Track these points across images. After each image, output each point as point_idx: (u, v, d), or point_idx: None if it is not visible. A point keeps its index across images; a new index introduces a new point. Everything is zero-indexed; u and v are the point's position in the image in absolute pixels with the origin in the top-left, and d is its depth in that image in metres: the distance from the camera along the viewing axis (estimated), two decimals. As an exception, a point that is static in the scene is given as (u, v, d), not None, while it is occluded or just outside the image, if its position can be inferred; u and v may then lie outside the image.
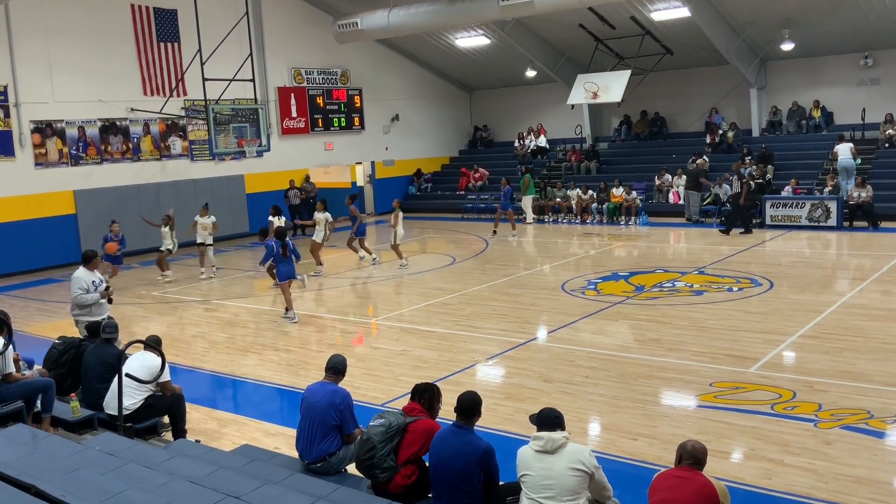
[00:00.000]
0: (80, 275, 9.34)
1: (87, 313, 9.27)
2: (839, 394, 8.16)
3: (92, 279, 9.37)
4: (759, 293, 12.93)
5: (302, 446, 5.93)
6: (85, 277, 9.35)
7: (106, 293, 9.45)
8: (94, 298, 9.32)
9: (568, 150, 27.19)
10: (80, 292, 9.24)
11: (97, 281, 9.44)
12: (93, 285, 9.33)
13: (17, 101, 18.52)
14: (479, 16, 21.71)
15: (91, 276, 9.40)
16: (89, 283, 9.33)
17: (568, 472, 4.58)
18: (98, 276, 9.56)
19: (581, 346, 10.52)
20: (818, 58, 23.26)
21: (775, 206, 20.13)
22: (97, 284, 9.40)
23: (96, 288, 9.36)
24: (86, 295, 9.24)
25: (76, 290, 9.25)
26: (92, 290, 9.30)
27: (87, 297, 9.25)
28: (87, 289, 9.27)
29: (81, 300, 9.25)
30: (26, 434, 5.97)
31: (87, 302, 9.27)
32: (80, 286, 9.24)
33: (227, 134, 19.32)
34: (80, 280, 9.27)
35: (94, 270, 9.48)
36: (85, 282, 9.30)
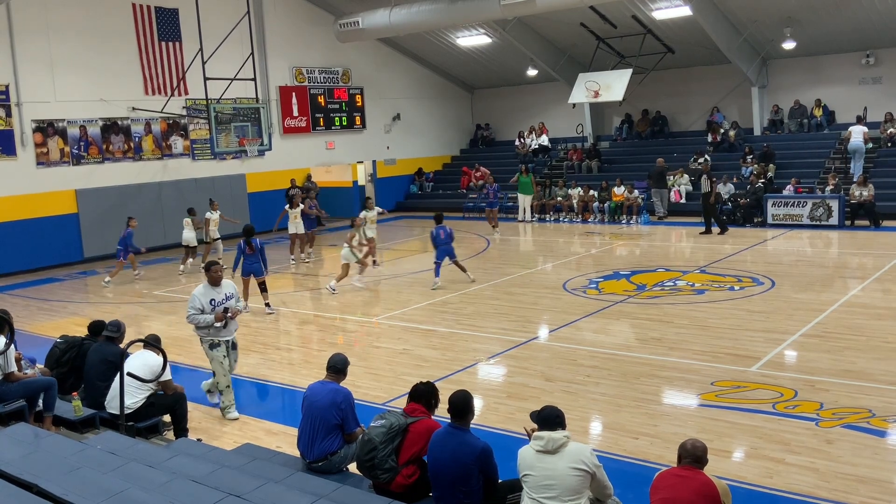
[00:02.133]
0: (198, 292, 8.27)
1: (207, 334, 8.24)
2: (841, 393, 8.15)
3: (211, 297, 8.23)
4: (760, 292, 12.92)
5: (303, 445, 5.94)
6: (202, 295, 8.23)
7: (223, 315, 8.18)
8: (208, 321, 8.14)
9: (569, 149, 27.17)
10: (192, 312, 8.17)
11: (219, 300, 8.26)
12: (210, 304, 8.20)
13: (18, 101, 18.53)
14: (481, 15, 21.70)
15: (211, 293, 8.26)
16: (206, 301, 8.19)
17: (569, 471, 4.58)
18: (225, 293, 8.33)
19: (582, 344, 10.52)
20: (820, 56, 23.23)
21: (777, 205, 20.11)
22: (217, 304, 8.24)
23: (213, 308, 8.21)
24: (199, 316, 8.14)
25: (189, 310, 8.21)
26: (208, 309, 8.17)
27: (200, 319, 8.14)
28: (201, 308, 8.16)
29: (194, 321, 8.20)
30: (28, 433, 5.97)
31: (200, 324, 8.17)
32: (193, 305, 8.18)
33: (228, 133, 19.32)
34: (195, 298, 8.20)
35: (217, 286, 8.32)
36: (200, 300, 8.18)
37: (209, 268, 8.38)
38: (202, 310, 8.17)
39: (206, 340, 8.30)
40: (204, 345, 8.37)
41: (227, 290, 8.39)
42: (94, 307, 14.65)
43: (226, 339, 8.35)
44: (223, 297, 8.30)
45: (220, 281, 8.35)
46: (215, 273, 8.33)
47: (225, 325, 8.22)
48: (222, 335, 8.31)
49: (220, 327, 8.19)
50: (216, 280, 8.32)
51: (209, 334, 8.23)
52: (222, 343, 8.33)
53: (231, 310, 8.30)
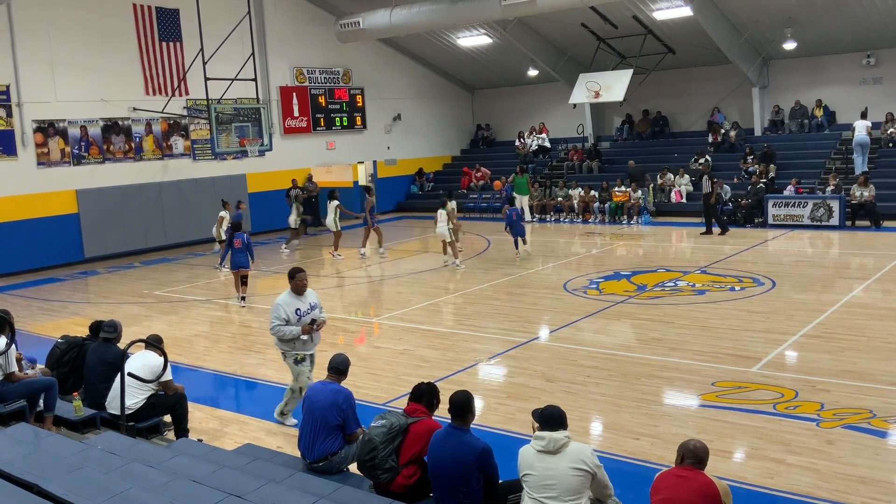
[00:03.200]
0: (282, 301, 7.54)
1: (291, 347, 7.60)
2: (841, 393, 8.15)
3: (296, 306, 7.52)
4: (761, 292, 12.92)
5: (304, 445, 5.94)
6: (286, 304, 7.51)
7: (311, 327, 7.56)
8: (294, 333, 7.49)
9: (570, 150, 27.17)
10: (277, 323, 7.47)
11: (304, 309, 7.58)
12: (295, 314, 7.51)
13: (19, 101, 18.54)
14: (481, 15, 21.70)
15: (296, 303, 7.54)
16: (291, 311, 7.48)
17: (570, 471, 4.58)
18: (309, 302, 7.65)
19: (583, 345, 10.52)
20: (820, 57, 23.23)
21: (777, 206, 20.11)
22: (302, 314, 7.57)
23: (299, 318, 7.54)
24: (284, 327, 7.46)
25: (273, 321, 7.50)
26: (294, 320, 7.50)
27: (286, 331, 7.46)
28: (286, 318, 7.46)
29: (278, 333, 7.51)
30: (29, 433, 5.98)
31: (285, 336, 7.50)
32: (278, 315, 7.46)
33: (229, 133, 19.33)
34: (279, 308, 7.47)
35: (301, 295, 7.63)
36: (285, 310, 7.46)
37: (294, 274, 7.60)
38: (287, 320, 7.47)
39: (291, 355, 7.69)
40: (288, 360, 7.76)
41: (311, 300, 7.70)
42: (94, 307, 14.66)
43: (311, 351, 7.75)
44: (308, 306, 7.62)
45: (304, 289, 7.65)
46: (301, 281, 7.60)
47: (311, 337, 7.65)
48: (308, 348, 7.70)
49: (307, 340, 7.60)
50: (301, 288, 7.60)
51: (294, 348, 7.59)
52: (308, 357, 7.75)
53: (318, 321, 7.66)
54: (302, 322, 7.51)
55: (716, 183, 19.43)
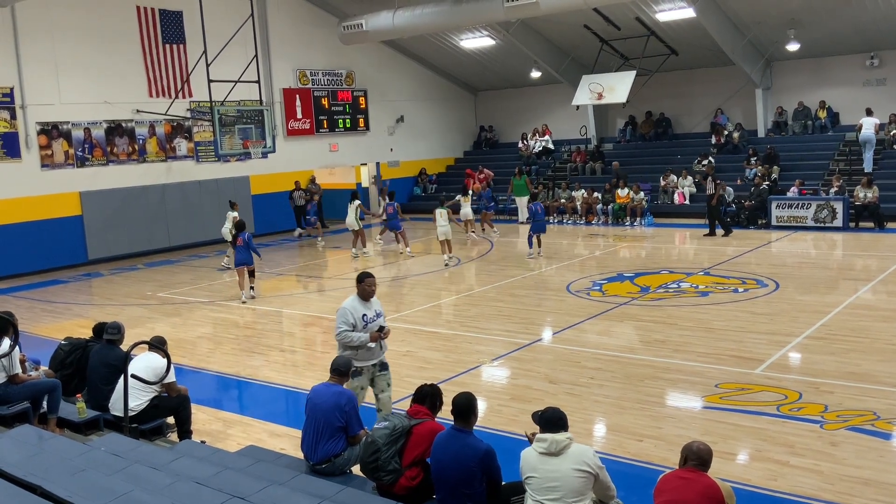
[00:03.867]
0: (349, 306, 7.11)
1: (353, 356, 6.95)
2: (845, 395, 8.13)
3: (363, 312, 7.11)
4: (764, 294, 12.90)
5: (307, 447, 5.94)
6: (353, 309, 7.08)
7: (379, 335, 7.10)
8: (363, 340, 7.01)
9: (573, 151, 27.17)
10: (344, 328, 6.98)
11: (370, 316, 7.16)
12: (362, 320, 7.08)
13: (23, 103, 18.58)
14: (484, 17, 21.70)
15: (362, 308, 7.13)
16: (358, 317, 7.05)
17: (573, 473, 4.58)
18: (375, 309, 7.24)
19: (586, 347, 10.51)
20: (824, 58, 23.20)
21: (781, 207, 20.08)
22: (368, 321, 7.13)
23: (365, 325, 7.08)
24: (352, 333, 6.97)
25: (340, 326, 7.02)
26: (360, 326, 7.03)
27: (354, 337, 6.97)
28: (354, 324, 7.01)
29: (345, 339, 6.99)
30: (32, 435, 5.99)
31: (353, 342, 6.99)
32: (345, 320, 7.00)
33: (232, 135, 19.34)
34: (346, 313, 7.04)
35: (368, 301, 7.21)
36: (353, 315, 7.03)
37: (363, 279, 7.22)
38: (354, 326, 7.02)
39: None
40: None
41: (376, 307, 7.30)
42: (98, 309, 14.68)
43: (371, 362, 7.21)
44: (374, 313, 7.21)
45: (372, 295, 7.25)
46: (369, 286, 7.21)
47: (380, 345, 7.21)
48: (371, 357, 7.19)
49: (373, 348, 7.12)
50: (368, 294, 7.20)
51: (355, 356, 7.00)
52: (365, 370, 7.16)
53: (385, 329, 7.22)
54: (369, 329, 7.08)
55: (719, 185, 19.42)
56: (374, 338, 7.07)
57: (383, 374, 7.34)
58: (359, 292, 7.21)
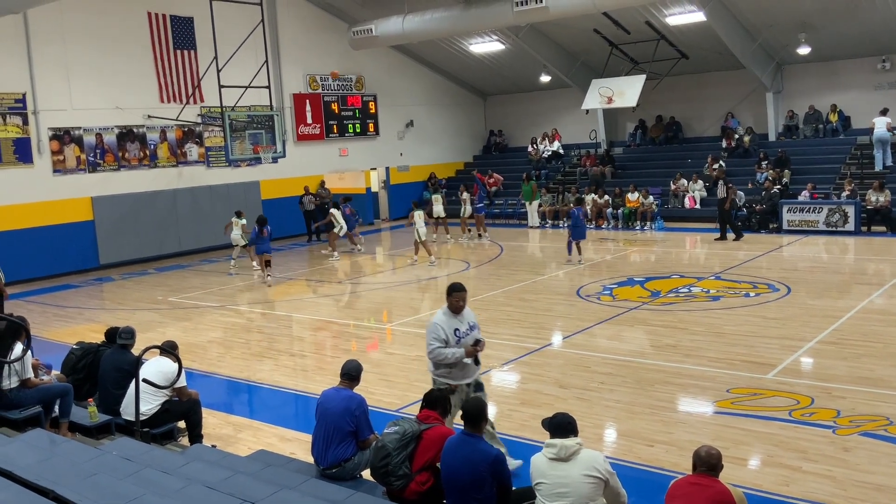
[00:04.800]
0: (440, 320, 6.62)
1: (446, 374, 6.57)
2: (858, 400, 8.08)
3: (455, 326, 6.58)
4: (776, 298, 12.84)
5: (317, 452, 5.94)
6: (445, 324, 6.57)
7: (475, 349, 6.59)
8: (457, 356, 6.51)
9: (583, 155, 27.13)
10: (436, 345, 6.51)
11: (463, 330, 6.63)
12: (454, 335, 6.57)
13: (35, 109, 18.70)
14: (494, 21, 21.72)
15: (454, 322, 6.60)
16: (450, 331, 6.55)
17: (583, 479, 4.56)
18: (468, 322, 6.71)
19: (596, 351, 10.48)
20: (835, 61, 23.10)
21: (792, 211, 19.99)
22: (461, 335, 6.61)
23: (458, 340, 6.58)
24: (445, 350, 6.49)
25: (432, 342, 6.54)
26: (453, 341, 6.54)
27: (447, 353, 6.48)
28: (446, 340, 6.52)
29: (438, 357, 6.53)
30: (44, 439, 6.01)
31: (447, 359, 6.52)
32: (436, 335, 6.52)
33: (242, 140, 19.43)
34: (437, 328, 6.55)
35: (459, 314, 6.68)
36: (444, 330, 6.53)
37: (451, 291, 6.73)
38: (447, 342, 6.53)
39: (442, 385, 6.59)
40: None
41: (469, 319, 6.78)
42: (109, 314, 14.75)
43: (466, 381, 6.68)
44: (467, 326, 6.70)
45: (462, 308, 6.71)
46: (457, 300, 6.67)
47: (475, 361, 6.69)
48: (467, 375, 6.68)
49: (467, 365, 6.64)
50: (458, 307, 6.68)
51: (449, 375, 6.59)
52: (459, 389, 6.64)
53: (480, 342, 6.68)
54: (464, 343, 6.58)
55: (730, 188, 19.35)
56: (470, 352, 6.57)
57: (479, 394, 6.69)
58: (448, 305, 6.69)
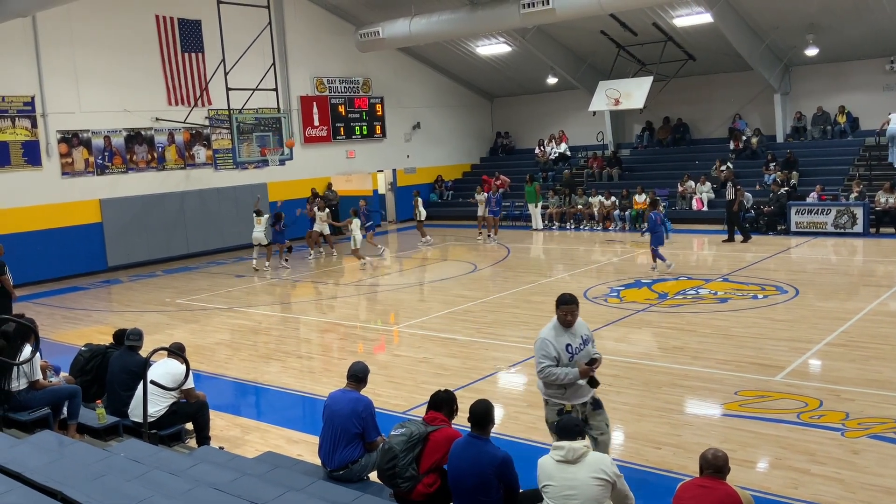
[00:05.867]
0: (548, 335, 6.05)
1: (559, 395, 6.05)
2: (866, 402, 8.04)
3: (566, 342, 6.03)
4: (784, 300, 12.80)
5: (324, 454, 5.95)
6: (554, 339, 6.03)
7: (589, 368, 5.98)
8: (570, 376, 5.92)
9: (590, 157, 27.11)
10: (546, 363, 5.94)
11: (576, 345, 6.08)
12: (567, 352, 6.01)
13: (44, 112, 18.79)
14: (500, 23, 21.73)
15: (565, 338, 6.05)
16: (561, 348, 6.00)
17: (591, 481, 4.56)
18: (580, 335, 6.16)
19: (604, 353, 10.37)
20: (843, 63, 23.02)
21: (800, 213, 19.92)
22: (574, 351, 6.06)
23: (572, 357, 6.01)
24: (556, 370, 5.92)
25: (541, 360, 5.96)
26: (565, 358, 5.96)
27: (560, 373, 5.91)
28: (557, 357, 5.95)
29: (550, 377, 5.95)
30: (53, 440, 6.03)
31: (559, 380, 5.94)
32: (546, 353, 5.97)
33: (250, 143, 19.47)
34: (546, 344, 5.99)
35: (570, 327, 6.11)
36: (555, 347, 5.98)
37: (559, 303, 6.15)
38: (558, 360, 5.98)
39: (556, 406, 6.09)
40: (550, 410, 6.17)
41: (582, 332, 6.21)
42: (117, 315, 14.80)
43: (583, 400, 6.14)
44: (580, 341, 6.13)
45: (572, 323, 6.14)
46: (566, 314, 6.09)
47: (593, 383, 6.09)
48: (579, 396, 6.12)
49: (581, 385, 6.08)
50: (568, 322, 6.11)
51: (563, 395, 6.04)
52: (576, 409, 6.11)
53: (595, 359, 6.10)
54: (577, 361, 6.02)
55: (738, 190, 19.29)
56: (585, 373, 5.94)
57: (599, 413, 6.24)
58: (558, 319, 6.12)
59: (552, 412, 6.10)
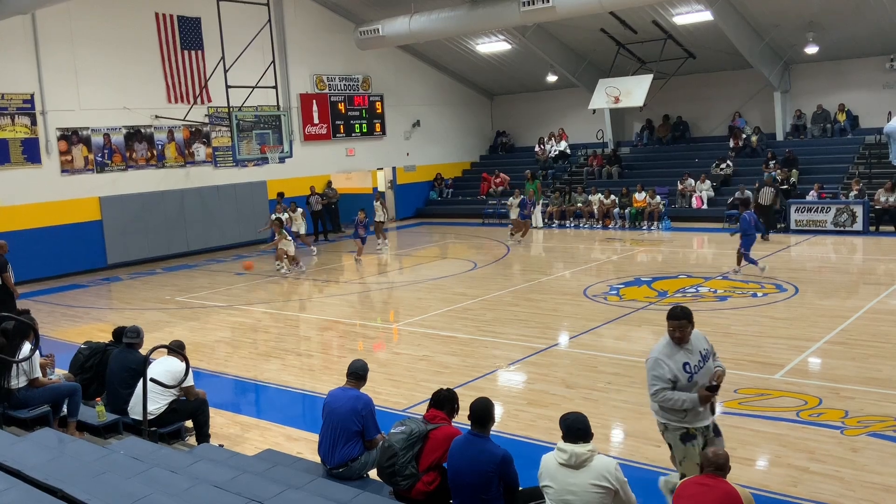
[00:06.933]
0: (661, 353, 5.44)
1: (680, 418, 5.39)
2: (866, 400, 8.05)
3: (684, 360, 5.39)
4: (784, 299, 12.80)
5: (324, 451, 5.95)
6: (669, 359, 5.40)
7: (709, 394, 5.31)
8: (688, 403, 5.30)
9: (589, 155, 27.11)
10: (660, 385, 5.35)
11: (694, 363, 5.42)
12: (684, 371, 5.37)
13: (43, 109, 18.77)
14: (500, 21, 21.71)
15: (681, 356, 5.41)
16: (678, 368, 5.37)
17: (591, 488, 4.53)
18: (699, 350, 5.50)
19: (603, 351, 10.47)
20: (843, 61, 23.02)
21: (800, 211, 19.93)
22: (693, 370, 5.40)
23: (691, 377, 5.37)
24: (673, 394, 5.32)
25: (654, 383, 5.38)
26: (682, 379, 5.35)
27: (676, 399, 5.30)
28: (673, 380, 5.35)
29: (666, 401, 5.36)
30: (53, 438, 6.03)
31: (676, 406, 5.34)
32: (660, 375, 5.34)
33: (249, 140, 19.46)
34: (660, 364, 5.37)
35: (685, 343, 5.45)
36: (670, 367, 5.36)
37: (668, 318, 5.49)
38: (675, 381, 5.36)
39: (678, 430, 5.46)
40: (671, 435, 5.52)
41: (700, 347, 5.52)
42: (117, 313, 14.79)
43: (705, 423, 5.51)
44: (698, 358, 5.45)
45: (686, 340, 5.45)
46: (676, 330, 5.44)
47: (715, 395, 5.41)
48: (701, 418, 5.47)
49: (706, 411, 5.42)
50: (680, 338, 5.45)
51: (683, 419, 5.40)
52: (699, 432, 5.49)
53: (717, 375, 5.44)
54: (697, 382, 5.36)
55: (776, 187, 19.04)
56: (705, 399, 5.31)
57: (718, 440, 5.65)
58: (670, 336, 5.49)
59: (674, 437, 5.47)
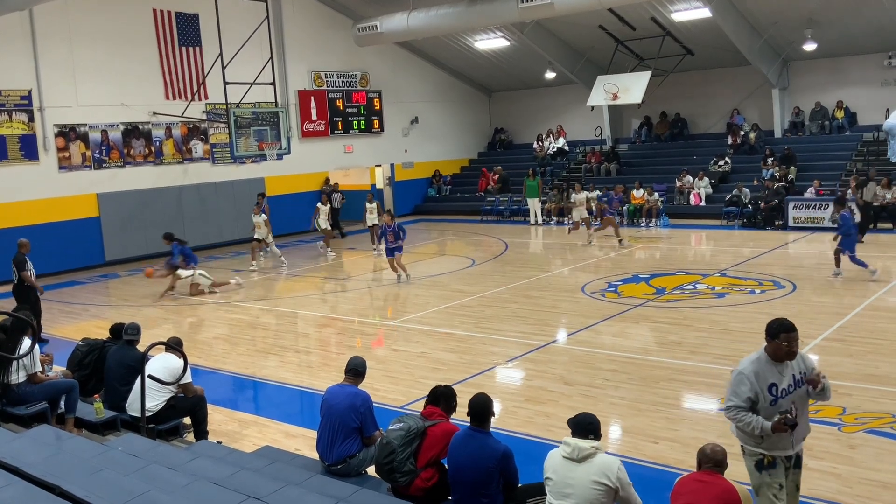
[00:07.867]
0: (749, 368, 4.86)
1: (756, 442, 4.87)
2: (863, 397, 8.06)
3: (771, 381, 4.83)
4: (781, 295, 12.81)
5: (322, 448, 5.96)
6: (755, 376, 4.83)
7: (785, 427, 4.74)
8: (758, 430, 4.77)
9: (588, 152, 27.10)
10: (735, 402, 4.84)
11: (783, 386, 4.86)
12: (769, 392, 4.82)
13: (41, 106, 18.73)
14: (499, 18, 21.70)
15: (772, 375, 4.85)
16: (762, 387, 4.81)
17: (590, 484, 4.51)
18: (793, 373, 4.90)
19: (601, 348, 10.48)
20: (841, 58, 23.03)
21: (798, 208, 19.93)
22: (779, 393, 4.84)
23: (775, 400, 4.82)
24: (746, 416, 4.79)
25: (731, 399, 4.88)
26: (766, 401, 4.81)
27: (750, 422, 4.79)
28: (754, 398, 4.80)
29: (738, 420, 4.86)
30: (51, 435, 6.03)
31: (747, 427, 4.82)
32: (740, 392, 4.83)
33: (247, 137, 19.44)
34: (741, 381, 4.84)
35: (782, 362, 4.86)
36: (752, 385, 4.81)
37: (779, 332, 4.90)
38: (755, 401, 4.81)
39: (753, 455, 4.95)
40: (748, 460, 5.01)
41: (797, 370, 4.92)
42: (115, 310, 14.78)
43: (787, 453, 4.96)
44: (790, 381, 4.88)
45: (791, 357, 4.87)
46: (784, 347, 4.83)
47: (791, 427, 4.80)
48: (782, 447, 4.92)
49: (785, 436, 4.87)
50: (784, 354, 4.86)
51: (759, 444, 4.88)
52: (780, 462, 4.94)
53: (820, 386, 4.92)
54: (779, 407, 4.82)
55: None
56: (779, 429, 4.74)
57: (797, 472, 5.14)
58: (773, 350, 4.88)
59: (750, 462, 4.97)
